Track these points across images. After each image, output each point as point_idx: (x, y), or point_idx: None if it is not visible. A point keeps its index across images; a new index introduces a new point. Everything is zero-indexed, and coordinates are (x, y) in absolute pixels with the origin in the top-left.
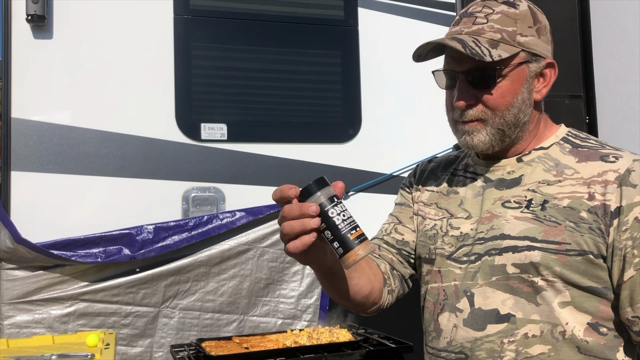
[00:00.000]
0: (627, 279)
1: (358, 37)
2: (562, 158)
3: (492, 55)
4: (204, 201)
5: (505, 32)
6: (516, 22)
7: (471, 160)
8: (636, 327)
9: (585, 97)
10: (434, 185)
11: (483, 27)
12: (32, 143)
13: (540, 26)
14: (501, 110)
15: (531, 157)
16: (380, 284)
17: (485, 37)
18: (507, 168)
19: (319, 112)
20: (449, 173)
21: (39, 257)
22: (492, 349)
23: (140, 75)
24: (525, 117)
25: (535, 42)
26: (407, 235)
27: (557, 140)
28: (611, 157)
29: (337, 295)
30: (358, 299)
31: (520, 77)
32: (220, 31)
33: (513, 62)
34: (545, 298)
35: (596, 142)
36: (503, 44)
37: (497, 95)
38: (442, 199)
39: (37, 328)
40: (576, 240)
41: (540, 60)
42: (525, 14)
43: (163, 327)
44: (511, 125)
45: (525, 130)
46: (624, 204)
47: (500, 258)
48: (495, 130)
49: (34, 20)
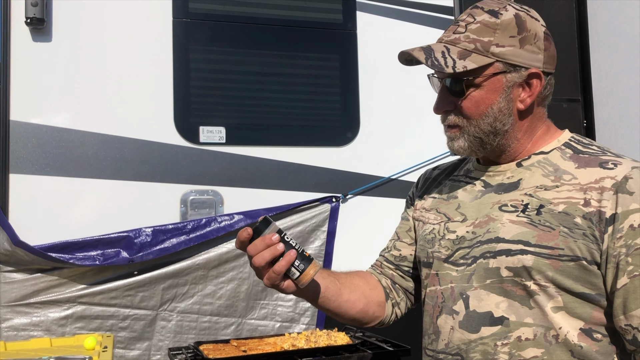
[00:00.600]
0: (621, 286)
1: (356, 41)
2: (561, 163)
3: (455, 67)
4: (203, 204)
5: (480, 43)
6: (495, 32)
7: (472, 165)
8: (629, 335)
9: (582, 101)
10: (436, 192)
11: (459, 37)
12: (31, 146)
13: (526, 35)
14: (475, 119)
15: (531, 161)
16: (381, 297)
17: (459, 47)
18: (507, 173)
19: (317, 115)
20: (451, 179)
21: (36, 259)
22: (485, 351)
23: (139, 78)
24: (505, 126)
25: (515, 52)
26: (404, 250)
27: (559, 145)
28: (610, 164)
29: (331, 313)
30: (353, 313)
31: (496, 87)
32: (219, 34)
33: (486, 72)
34: (538, 302)
35: (598, 149)
36: (475, 54)
37: (471, 104)
38: (442, 203)
39: (34, 331)
40: (569, 246)
41: (521, 70)
42: (508, 24)
43: (161, 330)
44: (488, 134)
45: (509, 138)
46: (619, 211)
47: (495, 261)
48: (473, 138)
49: (33, 23)
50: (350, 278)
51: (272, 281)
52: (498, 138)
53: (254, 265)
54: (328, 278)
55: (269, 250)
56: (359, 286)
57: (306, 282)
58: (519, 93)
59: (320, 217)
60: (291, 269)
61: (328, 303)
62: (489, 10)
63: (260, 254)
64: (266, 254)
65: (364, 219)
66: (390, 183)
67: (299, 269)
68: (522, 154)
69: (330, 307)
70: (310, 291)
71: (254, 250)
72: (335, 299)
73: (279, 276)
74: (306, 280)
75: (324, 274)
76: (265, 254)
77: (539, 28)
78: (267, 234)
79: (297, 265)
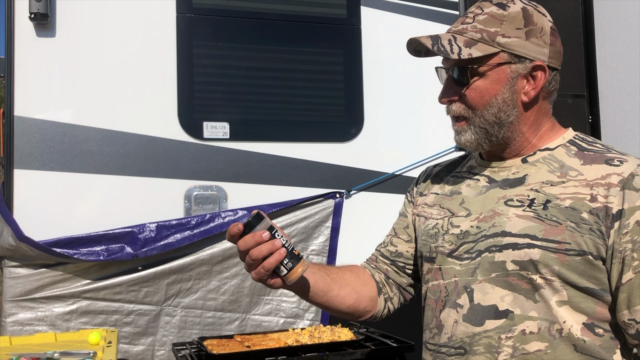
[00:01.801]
0: (626, 281)
1: (361, 36)
2: (567, 160)
3: (460, 53)
4: (206, 200)
5: (486, 33)
6: (502, 23)
7: (475, 162)
8: (632, 329)
9: (588, 97)
10: (438, 188)
11: (467, 27)
12: (35, 141)
13: (533, 28)
14: (479, 109)
15: (536, 157)
16: (372, 292)
17: (465, 36)
18: (513, 169)
19: (321, 110)
20: (453, 175)
21: (41, 254)
22: (489, 344)
23: (143, 73)
24: (510, 117)
25: (521, 43)
26: (400, 246)
27: (564, 142)
28: (616, 161)
29: (321, 307)
30: (343, 308)
31: (501, 77)
32: (223, 30)
33: (491, 61)
34: (543, 296)
35: (602, 146)
36: (481, 44)
37: (476, 94)
38: (445, 199)
39: (39, 325)
40: (576, 241)
41: (526, 62)
42: (515, 16)
43: (165, 326)
44: (493, 124)
45: (514, 131)
46: (625, 207)
47: (500, 255)
48: (479, 129)
49: (37, 18)
50: (341, 273)
51: (260, 276)
52: (503, 130)
53: (251, 257)
54: (318, 273)
55: (266, 245)
56: (350, 281)
57: (294, 280)
58: (523, 85)
59: (324, 212)
60: (280, 267)
61: (317, 298)
62: (497, 2)
63: (258, 249)
64: (263, 249)
65: (367, 215)
66: (394, 179)
67: (287, 267)
68: (527, 149)
69: (319, 302)
70: (298, 286)
71: (243, 245)
72: (325, 294)
73: (268, 272)
74: (294, 278)
75: (314, 269)
76: (262, 248)
77: (545, 23)
78: (258, 230)
79: (286, 264)
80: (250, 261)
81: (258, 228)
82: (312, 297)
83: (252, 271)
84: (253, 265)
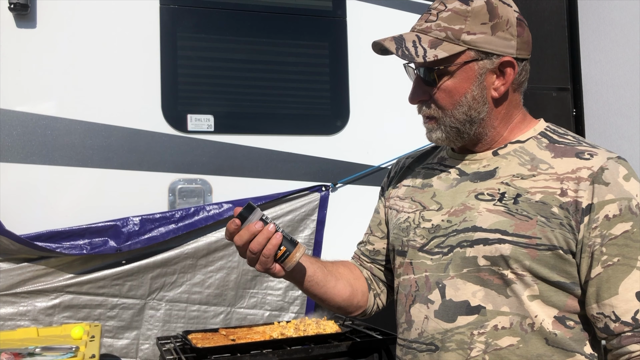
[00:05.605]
0: (595, 275)
1: (346, 28)
2: (538, 153)
3: (425, 56)
4: (191, 193)
5: (451, 31)
6: (466, 20)
7: (446, 153)
8: (600, 323)
9: (572, 90)
10: (409, 180)
11: (431, 26)
12: (16, 134)
13: (498, 22)
14: (449, 109)
15: (507, 150)
16: (364, 287)
17: (430, 36)
18: (483, 162)
19: (306, 103)
20: (424, 167)
21: (23, 249)
22: (462, 340)
23: (126, 65)
24: (480, 114)
25: (487, 39)
26: (377, 244)
27: (535, 134)
28: (586, 154)
29: (318, 299)
30: (339, 301)
31: (469, 75)
32: (207, 21)
33: (458, 60)
34: (514, 291)
35: (573, 139)
36: (446, 43)
37: (445, 94)
38: (417, 192)
39: (21, 320)
40: (546, 235)
41: (493, 57)
42: (479, 10)
43: (149, 319)
44: (464, 123)
45: (486, 126)
46: (595, 202)
47: (472, 250)
48: (449, 129)
49: (17, 8)
50: (336, 267)
51: (265, 265)
52: (475, 127)
53: (252, 252)
54: (316, 264)
55: (262, 234)
56: (345, 275)
57: (293, 264)
58: (493, 80)
59: (309, 206)
60: (278, 252)
61: (316, 288)
62: None
63: (256, 241)
64: (260, 239)
65: (353, 208)
66: (380, 172)
67: (284, 253)
68: (499, 142)
69: (317, 293)
70: (299, 274)
71: (239, 240)
72: (323, 284)
73: (270, 259)
74: (293, 262)
75: (312, 260)
76: (259, 239)
77: (511, 14)
78: (251, 222)
79: (283, 250)
80: (252, 255)
81: (251, 219)
82: (311, 287)
83: (256, 264)
84: (255, 259)
